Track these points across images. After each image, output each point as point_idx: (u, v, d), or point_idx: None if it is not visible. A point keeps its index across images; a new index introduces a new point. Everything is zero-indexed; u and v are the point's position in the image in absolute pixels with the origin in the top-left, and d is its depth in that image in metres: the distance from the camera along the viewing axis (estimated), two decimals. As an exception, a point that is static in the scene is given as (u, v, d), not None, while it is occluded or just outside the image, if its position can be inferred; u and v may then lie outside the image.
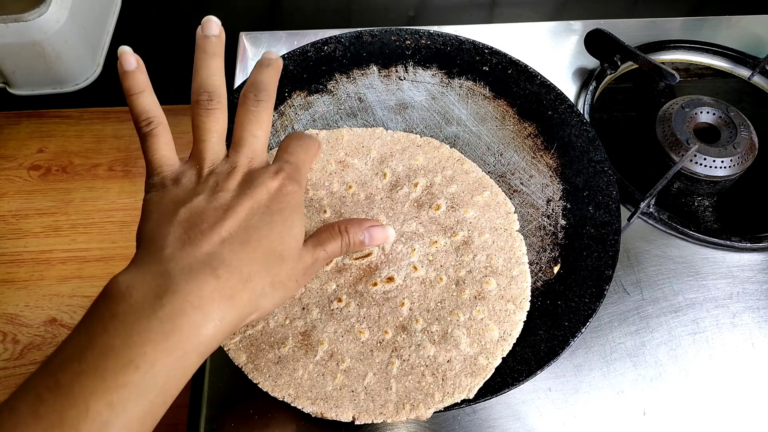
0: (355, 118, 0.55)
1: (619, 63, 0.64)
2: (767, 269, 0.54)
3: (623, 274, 0.53)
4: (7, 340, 0.51)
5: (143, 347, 0.25)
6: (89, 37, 0.68)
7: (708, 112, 0.60)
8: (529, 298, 0.43)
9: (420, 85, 0.56)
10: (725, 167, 0.57)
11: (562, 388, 0.47)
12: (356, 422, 0.38)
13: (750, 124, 0.59)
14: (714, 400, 0.47)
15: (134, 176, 0.60)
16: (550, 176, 0.51)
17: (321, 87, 0.56)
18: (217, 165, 0.33)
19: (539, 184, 0.51)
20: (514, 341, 0.41)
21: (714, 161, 0.57)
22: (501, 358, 0.41)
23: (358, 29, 0.58)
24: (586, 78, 0.66)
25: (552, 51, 0.69)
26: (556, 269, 0.47)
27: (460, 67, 0.57)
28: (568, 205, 0.50)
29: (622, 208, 0.52)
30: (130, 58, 0.33)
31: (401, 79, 0.57)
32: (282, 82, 0.55)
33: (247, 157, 0.33)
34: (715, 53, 0.69)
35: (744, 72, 0.68)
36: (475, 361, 0.40)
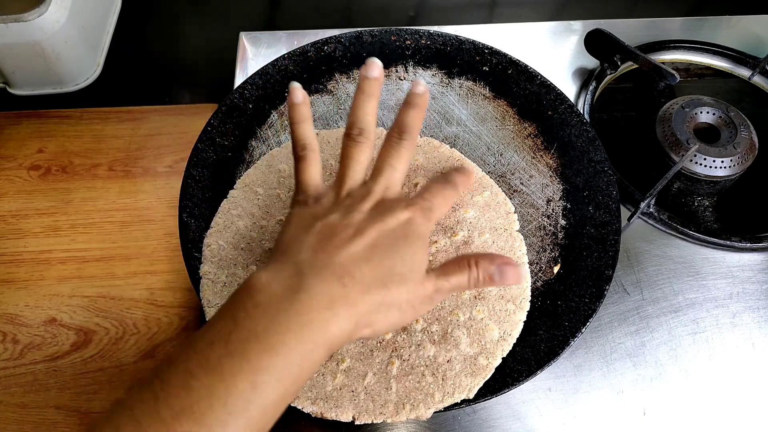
0: (355, 118, 0.54)
1: (619, 63, 0.64)
2: (767, 269, 0.54)
3: (623, 274, 0.53)
4: (6, 340, 0.51)
5: (284, 335, 0.28)
6: (89, 37, 0.68)
7: (708, 112, 0.60)
8: (529, 298, 0.43)
9: (420, 85, 0.56)
10: (725, 167, 0.57)
11: (562, 388, 0.47)
12: (356, 422, 0.38)
13: (750, 124, 0.59)
14: (714, 400, 0.47)
15: (134, 176, 0.60)
16: (550, 176, 0.51)
17: (321, 87, 0.56)
18: (355, 189, 0.36)
19: (539, 184, 0.51)
20: (514, 341, 0.41)
21: (714, 161, 0.57)
22: (501, 358, 0.41)
23: (358, 29, 0.58)
24: (586, 78, 0.66)
25: (552, 51, 0.69)
26: (556, 269, 0.47)
27: (460, 67, 0.57)
28: (568, 205, 0.50)
29: (622, 208, 0.52)
30: (298, 93, 0.38)
31: (401, 79, 0.57)
32: (282, 82, 0.55)
33: (382, 185, 0.36)
34: (715, 53, 0.69)
35: (744, 72, 0.68)
36: (475, 361, 0.40)
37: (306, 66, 0.56)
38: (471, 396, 0.39)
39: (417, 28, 0.58)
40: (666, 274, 0.53)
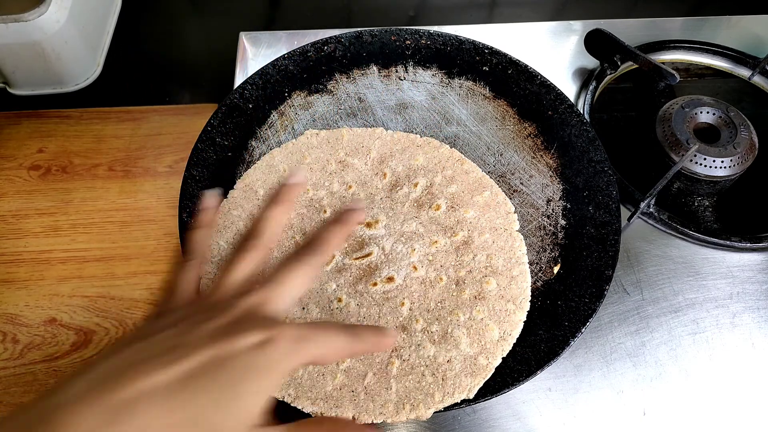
0: (355, 118, 0.55)
1: (619, 63, 0.64)
2: (767, 269, 0.54)
3: (623, 274, 0.53)
4: (6, 339, 0.51)
5: None
6: (89, 37, 0.68)
7: (708, 112, 0.60)
8: (529, 298, 0.43)
9: (420, 85, 0.56)
10: (725, 167, 0.57)
11: (562, 388, 0.47)
12: (356, 422, 0.38)
13: (750, 124, 0.59)
14: (714, 400, 0.47)
15: (134, 176, 0.60)
16: (550, 176, 0.51)
17: (321, 87, 0.56)
18: (220, 302, 0.28)
19: (539, 184, 0.51)
20: (514, 341, 0.41)
21: (714, 161, 0.57)
22: (501, 358, 0.41)
23: (358, 29, 0.58)
24: (586, 78, 0.66)
25: (552, 51, 0.69)
26: (556, 269, 0.47)
27: (460, 67, 0.57)
28: (568, 205, 0.50)
29: (622, 208, 0.52)
30: (206, 200, 0.36)
31: (401, 79, 0.57)
32: (282, 82, 0.55)
33: (253, 301, 0.28)
34: (715, 53, 0.68)
35: (744, 72, 0.68)
36: (475, 361, 0.40)
37: (306, 66, 0.56)
38: (471, 396, 0.39)
39: (417, 28, 0.58)
40: (666, 274, 0.53)
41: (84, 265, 0.55)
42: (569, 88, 0.65)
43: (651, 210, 0.55)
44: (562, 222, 0.49)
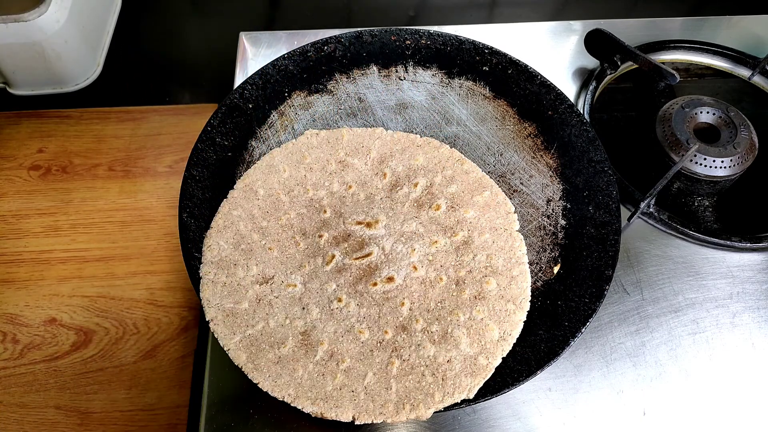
0: (355, 118, 0.55)
1: (619, 63, 0.64)
2: (767, 269, 0.54)
3: (623, 274, 0.53)
4: (7, 339, 0.51)
5: None
6: (89, 37, 0.68)
7: (708, 112, 0.60)
8: (529, 298, 0.43)
9: (420, 85, 0.56)
10: (725, 167, 0.57)
11: (562, 388, 0.47)
12: (356, 422, 0.38)
13: (750, 124, 0.59)
14: (714, 400, 0.47)
15: (134, 176, 0.60)
16: (550, 176, 0.51)
17: (321, 87, 0.56)
18: None
19: (539, 184, 0.51)
20: (514, 341, 0.41)
21: (714, 161, 0.57)
22: (501, 358, 0.41)
23: (358, 29, 0.58)
24: (586, 78, 0.66)
25: (552, 51, 0.69)
26: (556, 269, 0.47)
27: (460, 67, 0.57)
28: (568, 205, 0.50)
29: (622, 208, 0.52)
30: None
31: (401, 79, 0.57)
32: (282, 82, 0.55)
33: None
34: (715, 53, 0.69)
35: (744, 72, 0.68)
36: (475, 361, 0.40)
37: (306, 66, 0.56)
38: (471, 396, 0.39)
39: (417, 28, 0.58)
40: (666, 274, 0.53)
41: (84, 265, 0.55)
42: (569, 88, 0.65)
43: (651, 210, 0.55)
44: (562, 222, 0.49)
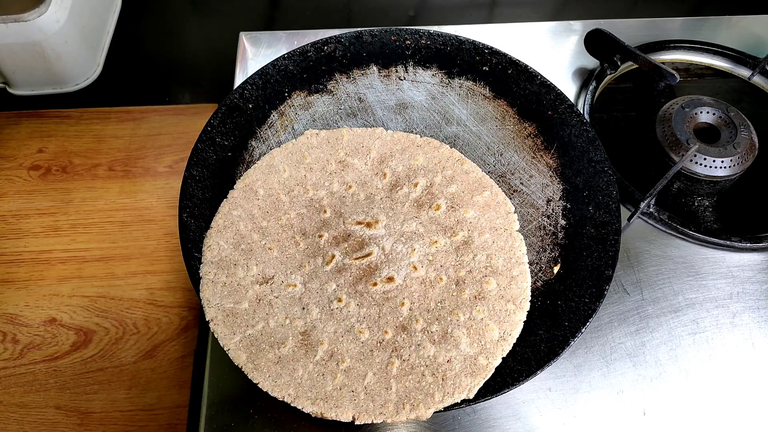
0: (355, 118, 0.55)
1: (619, 63, 0.64)
2: (767, 269, 0.54)
3: (623, 274, 0.53)
4: (7, 339, 0.51)
5: None
6: (89, 37, 0.68)
7: (708, 112, 0.60)
8: (529, 298, 0.43)
9: (420, 85, 0.56)
10: (725, 167, 0.57)
11: (562, 388, 0.47)
12: (356, 422, 0.38)
13: (750, 124, 0.59)
14: (714, 400, 0.47)
15: (134, 176, 0.60)
16: (550, 176, 0.51)
17: (321, 87, 0.56)
18: None
19: (539, 184, 0.51)
20: (514, 341, 0.41)
21: (714, 161, 0.57)
22: (501, 358, 0.41)
23: (358, 29, 0.57)
24: (586, 78, 0.66)
25: (552, 51, 0.69)
26: (556, 269, 0.47)
27: (460, 67, 0.57)
28: (568, 205, 0.50)
29: (622, 208, 0.52)
30: None
31: (401, 79, 0.57)
32: (282, 82, 0.55)
33: None
34: (715, 53, 0.68)
35: (744, 72, 0.68)
36: (475, 361, 0.40)
37: (306, 66, 0.56)
38: (471, 396, 0.39)
39: (417, 28, 0.58)
40: (666, 274, 0.53)
41: (84, 265, 0.55)
42: (569, 88, 0.65)
43: (651, 210, 0.55)
44: (562, 222, 0.49)
